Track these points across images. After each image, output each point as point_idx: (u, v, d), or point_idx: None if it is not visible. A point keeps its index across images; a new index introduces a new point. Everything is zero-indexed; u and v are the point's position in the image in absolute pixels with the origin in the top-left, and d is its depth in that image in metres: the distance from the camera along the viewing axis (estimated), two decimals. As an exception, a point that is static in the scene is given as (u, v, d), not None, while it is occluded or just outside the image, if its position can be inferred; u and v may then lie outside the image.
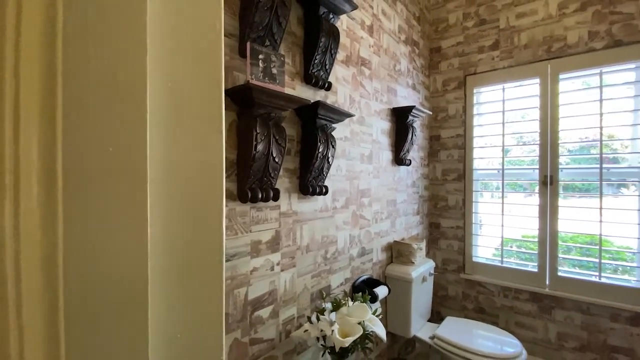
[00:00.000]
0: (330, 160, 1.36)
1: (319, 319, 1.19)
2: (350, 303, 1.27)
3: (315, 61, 1.33)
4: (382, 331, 1.23)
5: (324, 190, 1.37)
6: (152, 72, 0.30)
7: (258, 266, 1.15)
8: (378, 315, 1.27)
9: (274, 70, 1.08)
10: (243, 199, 1.06)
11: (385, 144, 1.95)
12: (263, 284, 1.18)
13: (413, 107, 1.94)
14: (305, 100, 1.16)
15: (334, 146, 1.37)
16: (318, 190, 1.34)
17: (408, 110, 1.96)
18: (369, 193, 1.79)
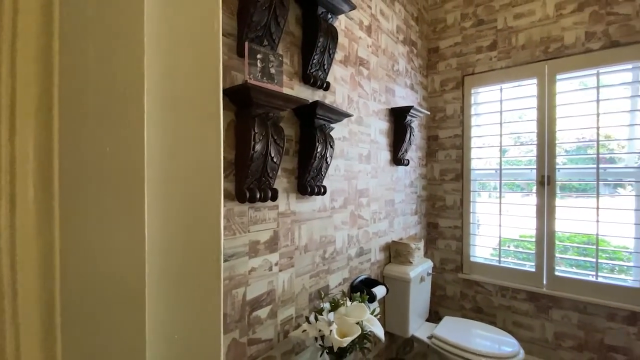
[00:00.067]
0: (328, 160, 1.36)
1: (317, 319, 1.19)
2: (348, 303, 1.28)
3: (314, 61, 1.33)
4: (381, 331, 1.23)
5: (322, 190, 1.37)
6: (150, 71, 0.30)
7: (256, 266, 1.15)
8: (376, 315, 1.27)
9: (272, 70, 1.08)
10: (241, 199, 1.06)
11: (383, 144, 1.96)
12: (261, 284, 1.17)
13: (411, 107, 1.95)
14: (304, 100, 1.16)
15: (332, 146, 1.37)
16: (316, 190, 1.34)
17: (406, 110, 1.96)
18: (367, 193, 1.79)
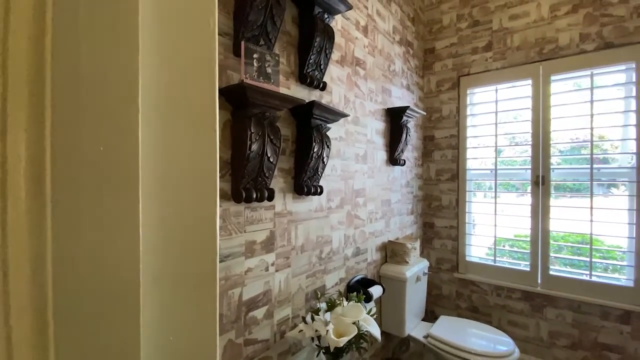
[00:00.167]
0: (325, 160, 1.36)
1: (313, 319, 1.19)
2: (345, 303, 1.28)
3: (310, 61, 1.33)
4: (377, 331, 1.23)
5: (319, 190, 1.37)
6: (144, 70, 0.29)
7: (252, 266, 1.15)
8: (372, 315, 1.27)
9: (269, 70, 1.08)
10: (237, 199, 1.05)
11: (379, 144, 1.96)
12: (257, 284, 1.17)
13: (407, 108, 1.95)
14: (300, 100, 1.16)
15: (328, 146, 1.37)
16: (313, 190, 1.34)
17: (402, 110, 1.97)
18: (363, 193, 1.80)
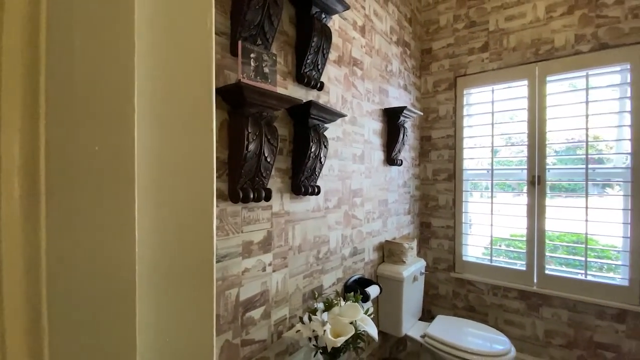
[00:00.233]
0: (322, 160, 1.36)
1: (311, 319, 1.19)
2: (342, 303, 1.27)
3: (308, 61, 1.33)
4: (374, 330, 1.23)
5: (316, 190, 1.37)
6: (140, 69, 0.29)
7: (250, 267, 1.15)
8: (370, 315, 1.27)
9: (266, 70, 1.07)
10: (234, 199, 1.05)
11: (377, 144, 1.96)
12: (255, 284, 1.17)
13: (404, 108, 1.96)
14: (298, 99, 1.16)
15: (326, 146, 1.37)
16: (310, 190, 1.34)
17: (399, 110, 1.97)
18: (361, 193, 1.80)
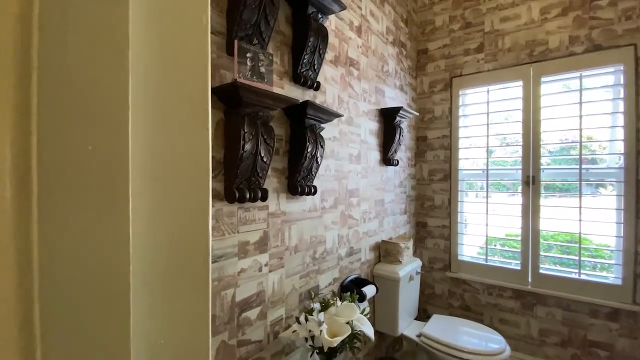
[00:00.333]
0: (319, 160, 1.36)
1: (307, 320, 1.19)
2: (338, 303, 1.27)
3: (304, 61, 1.32)
4: (370, 330, 1.24)
5: (313, 190, 1.37)
6: (135, 68, 0.29)
7: (246, 267, 1.14)
8: (366, 315, 1.27)
9: (262, 69, 1.07)
10: (230, 199, 1.04)
11: (373, 145, 1.96)
12: (251, 285, 1.16)
13: (401, 108, 1.96)
14: (294, 99, 1.16)
15: (322, 146, 1.36)
16: (307, 190, 1.33)
17: (396, 111, 1.97)
18: (357, 193, 1.80)
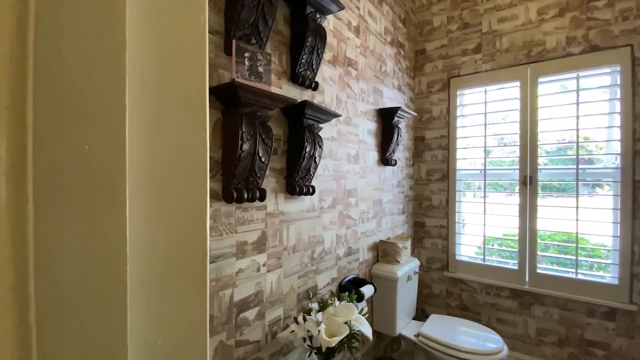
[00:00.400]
0: (317, 160, 1.36)
1: (305, 320, 1.19)
2: (336, 303, 1.27)
3: (302, 61, 1.32)
4: (368, 330, 1.24)
5: (311, 190, 1.37)
6: (132, 67, 0.29)
7: (244, 267, 1.14)
8: (364, 315, 1.27)
9: (260, 69, 1.07)
10: (228, 199, 1.04)
11: (371, 145, 1.97)
12: (249, 285, 1.16)
13: (399, 108, 1.97)
14: (292, 99, 1.16)
15: (320, 146, 1.36)
16: (305, 190, 1.33)
17: (394, 111, 1.98)
18: (355, 193, 1.80)
